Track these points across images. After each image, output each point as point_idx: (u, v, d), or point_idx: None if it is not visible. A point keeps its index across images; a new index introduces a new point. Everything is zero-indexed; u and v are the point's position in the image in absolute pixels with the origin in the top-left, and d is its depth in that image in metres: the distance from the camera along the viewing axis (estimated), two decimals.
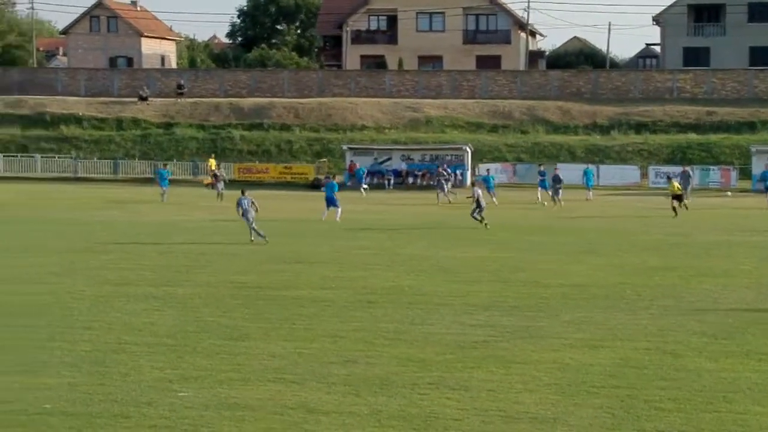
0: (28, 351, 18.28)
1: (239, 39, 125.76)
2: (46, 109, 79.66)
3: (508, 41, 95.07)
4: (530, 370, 17.33)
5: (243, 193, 36.47)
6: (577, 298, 24.82)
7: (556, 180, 53.89)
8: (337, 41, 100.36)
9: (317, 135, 76.32)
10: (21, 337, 19.41)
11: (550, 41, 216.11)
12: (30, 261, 30.28)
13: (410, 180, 68.86)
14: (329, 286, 26.28)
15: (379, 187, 66.92)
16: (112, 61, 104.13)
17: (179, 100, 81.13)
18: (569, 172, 62.72)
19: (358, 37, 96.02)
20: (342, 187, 66.55)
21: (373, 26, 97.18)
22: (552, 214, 48.22)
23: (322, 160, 72.10)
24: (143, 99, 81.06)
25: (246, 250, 33.49)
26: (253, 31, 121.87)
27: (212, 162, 67.13)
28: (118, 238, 36.46)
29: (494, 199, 52.67)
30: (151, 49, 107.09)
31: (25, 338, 19.35)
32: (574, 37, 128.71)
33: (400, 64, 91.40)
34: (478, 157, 70.62)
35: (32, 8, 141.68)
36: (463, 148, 69.32)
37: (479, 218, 41.17)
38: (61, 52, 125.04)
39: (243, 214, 35.64)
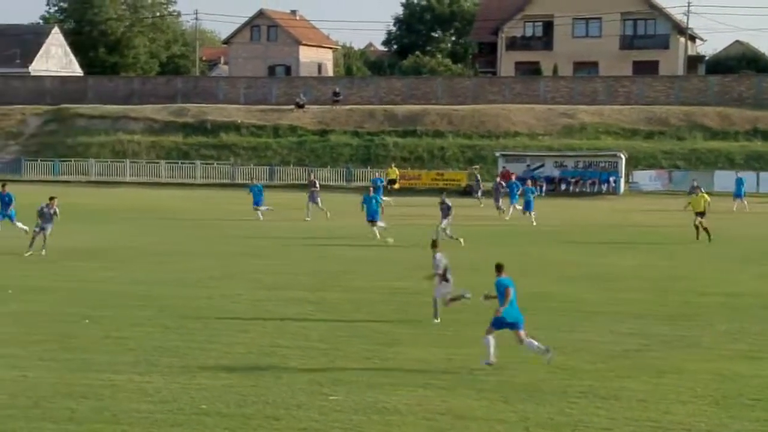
0: (187, 352, 18.75)
1: (395, 46, 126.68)
2: (207, 117, 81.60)
3: (666, 46, 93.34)
4: (684, 381, 17.00)
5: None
6: (735, 308, 24.23)
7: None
8: (491, 48, 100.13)
9: (470, 142, 76.24)
10: (181, 339, 19.93)
11: (710, 45, 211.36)
12: (191, 265, 31.02)
13: (563, 187, 68.18)
14: (479, 292, 26.11)
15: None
16: (271, 70, 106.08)
17: (335, 107, 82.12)
18: (726, 179, 61.32)
19: (513, 44, 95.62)
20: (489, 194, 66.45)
21: (529, 32, 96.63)
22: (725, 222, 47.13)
23: (474, 166, 71.94)
24: (300, 106, 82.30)
25: (400, 256, 33.65)
26: (408, 39, 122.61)
27: (393, 170, 67.89)
28: (274, 243, 37.08)
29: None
30: (308, 57, 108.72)
31: (184, 340, 19.85)
32: (736, 41, 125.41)
33: (555, 70, 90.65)
34: (633, 163, 69.55)
35: (196, 19, 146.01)
36: (617, 154, 68.31)
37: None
38: (222, 61, 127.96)
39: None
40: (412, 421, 14.63)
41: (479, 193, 60.36)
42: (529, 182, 51.18)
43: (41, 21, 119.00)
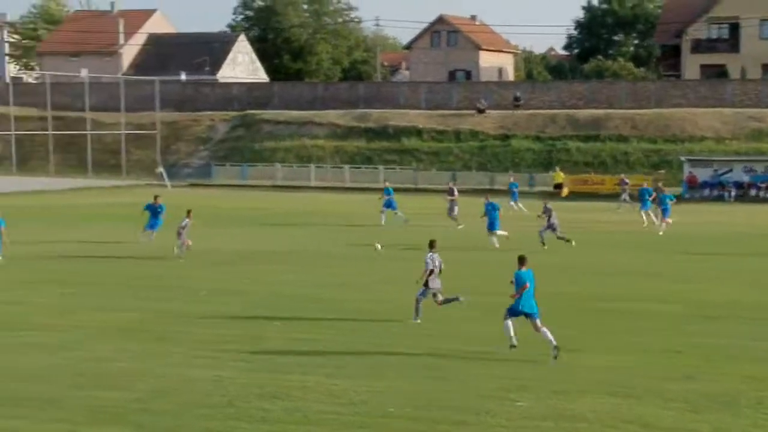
0: (375, 356, 18.90)
1: (576, 50, 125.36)
2: (389, 122, 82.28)
3: None
4: None
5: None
6: None
7: None
8: (675, 50, 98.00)
9: (654, 146, 74.76)
10: (365, 342, 20.12)
11: None
12: (371, 268, 31.30)
13: (752, 192, 66.10)
14: (665, 299, 25.70)
15: (719, 199, 64.83)
16: (451, 75, 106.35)
17: (516, 111, 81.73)
18: None
19: (698, 46, 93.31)
20: (680, 199, 65.07)
21: (714, 35, 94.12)
22: None
23: (659, 171, 70.51)
24: (481, 111, 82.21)
25: (578, 261, 33.22)
26: (589, 43, 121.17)
27: (559, 174, 67.59)
28: (454, 245, 37.07)
29: None
30: (488, 62, 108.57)
31: (368, 343, 20.04)
32: None
33: (743, 73, 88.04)
34: None
35: (377, 25, 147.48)
36: None
37: None
38: (403, 67, 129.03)
39: None
40: (599, 428, 14.44)
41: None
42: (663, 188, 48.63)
43: (228, 29, 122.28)
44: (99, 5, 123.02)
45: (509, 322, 19.12)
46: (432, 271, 22.33)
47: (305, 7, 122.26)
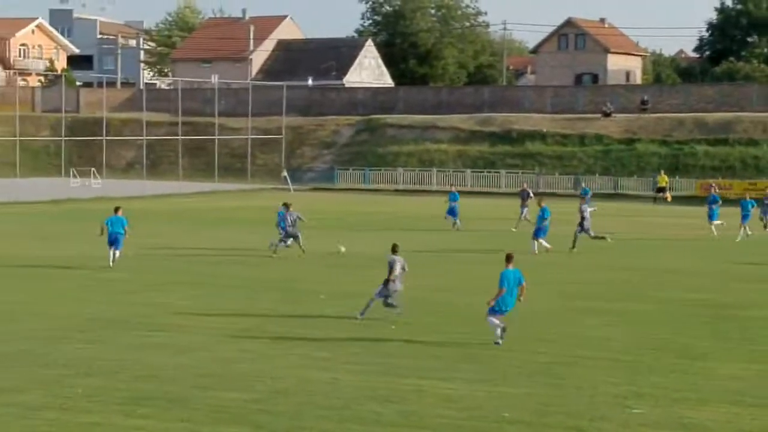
0: (490, 360, 18.78)
1: (707, 53, 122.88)
2: (513, 126, 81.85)
3: None
4: None
5: None
6: None
7: None
8: None
9: None
10: (483, 347, 19.96)
11: None
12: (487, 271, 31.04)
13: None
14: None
15: None
16: (578, 78, 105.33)
17: (642, 115, 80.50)
18: None
19: None
20: None
21: None
22: None
23: None
24: (606, 115, 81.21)
25: (707, 268, 32.53)
26: (721, 44, 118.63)
27: (662, 179, 66.84)
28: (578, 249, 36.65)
29: None
30: (616, 65, 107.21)
31: (487, 348, 19.88)
32: None
33: None
34: None
35: (504, 29, 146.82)
36: None
37: None
38: (529, 71, 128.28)
39: None
40: None
41: None
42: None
43: (356, 34, 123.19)
44: (232, 12, 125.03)
45: (494, 319, 20.13)
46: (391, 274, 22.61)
47: (433, 11, 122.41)
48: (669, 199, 64.54)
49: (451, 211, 46.13)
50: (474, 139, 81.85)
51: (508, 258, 20.60)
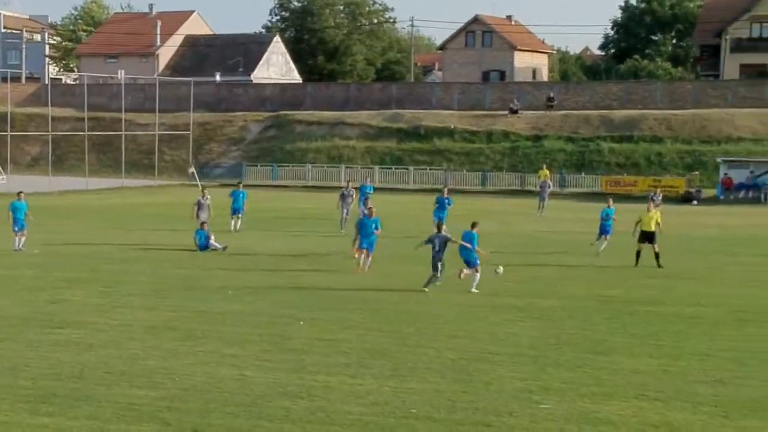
0: (399, 356, 18.85)
1: (612, 50, 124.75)
2: (421, 122, 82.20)
3: None
4: None
5: None
6: None
7: None
8: (714, 50, 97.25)
9: (689, 147, 74.19)
10: (392, 343, 20.04)
11: None
12: (403, 270, 31.23)
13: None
14: (699, 303, 25.45)
15: (755, 201, 64.29)
16: (485, 75, 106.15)
17: (549, 112, 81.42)
18: None
19: (738, 46, 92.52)
20: (715, 201, 64.67)
21: (756, 34, 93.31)
22: None
23: (693, 173, 70.10)
24: (514, 112, 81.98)
25: (615, 263, 33.00)
26: (626, 43, 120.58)
27: (543, 173, 67.22)
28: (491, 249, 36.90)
29: None
30: (523, 62, 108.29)
31: (396, 344, 19.96)
32: None
33: None
34: None
35: (412, 25, 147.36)
36: None
37: None
38: (436, 67, 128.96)
39: None
40: None
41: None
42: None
43: (264, 30, 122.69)
44: (139, 7, 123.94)
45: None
46: None
47: (341, 8, 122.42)
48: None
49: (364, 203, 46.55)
50: (382, 135, 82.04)
51: (474, 225, 27.60)
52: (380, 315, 23.13)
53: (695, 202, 64.15)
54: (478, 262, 27.07)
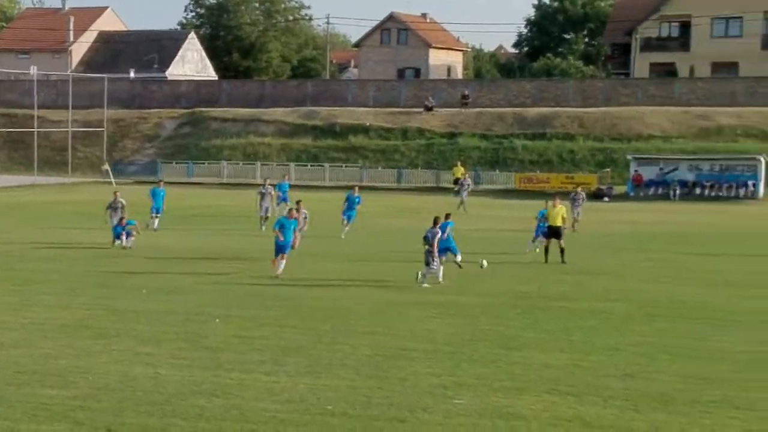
0: (314, 353, 18.87)
1: (525, 48, 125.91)
2: (337, 119, 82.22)
3: None
4: None
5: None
6: None
7: None
8: (625, 49, 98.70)
9: (601, 144, 75.20)
10: (308, 339, 20.06)
11: None
12: (320, 267, 31.28)
13: (697, 191, 66.70)
14: (611, 299, 25.85)
15: (664, 197, 65.40)
16: (401, 72, 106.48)
17: (464, 109, 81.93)
18: None
19: (648, 45, 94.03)
20: (626, 197, 65.64)
21: (665, 33, 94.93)
22: None
23: (605, 170, 71.10)
24: (429, 109, 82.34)
25: (529, 259, 33.35)
26: (539, 41, 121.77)
27: (458, 170, 67.82)
28: (405, 246, 37.10)
29: None
30: (438, 59, 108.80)
31: (311, 341, 19.98)
32: None
33: (692, 71, 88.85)
34: None
35: (328, 23, 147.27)
36: (757, 158, 66.53)
37: None
38: (352, 65, 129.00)
39: None
40: (537, 427, 14.41)
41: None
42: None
43: (179, 27, 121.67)
44: (52, 3, 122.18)
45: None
46: None
47: (257, 5, 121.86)
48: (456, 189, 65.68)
49: (284, 200, 47.35)
50: (298, 132, 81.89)
51: (447, 216, 30.06)
52: (296, 312, 23.13)
53: (606, 198, 65.03)
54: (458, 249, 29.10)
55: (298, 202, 36.04)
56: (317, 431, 14.10)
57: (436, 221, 28.43)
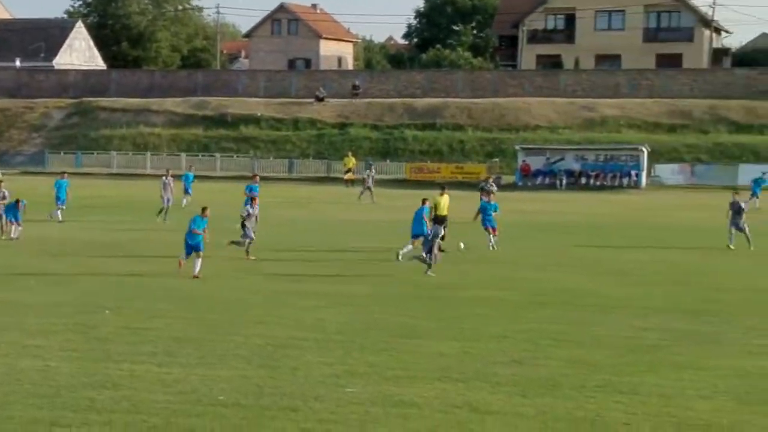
0: (206, 344, 18.80)
1: (415, 40, 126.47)
2: (228, 110, 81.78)
3: (690, 39, 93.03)
4: (705, 376, 16.89)
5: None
6: (758, 304, 24.15)
7: None
8: (512, 41, 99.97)
9: (490, 135, 76.13)
10: (199, 331, 19.98)
11: (736, 38, 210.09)
12: (218, 258, 31.10)
13: (583, 180, 67.96)
14: (500, 287, 26.23)
15: (551, 187, 66.45)
16: (291, 63, 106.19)
17: (354, 100, 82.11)
18: (751, 173, 61.39)
19: (535, 37, 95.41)
20: (514, 187, 66.54)
21: (551, 25, 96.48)
22: None
23: (494, 160, 71.96)
24: (320, 99, 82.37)
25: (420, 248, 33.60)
26: (429, 32, 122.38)
27: (349, 160, 68.12)
28: (299, 238, 37.13)
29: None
30: (329, 50, 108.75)
31: (203, 332, 19.91)
32: (762, 33, 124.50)
33: (577, 63, 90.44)
34: (655, 157, 69.27)
35: (218, 13, 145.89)
36: (639, 148, 68.07)
37: None
38: (243, 55, 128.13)
39: None
40: (428, 414, 14.59)
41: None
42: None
43: (66, 15, 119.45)
44: None
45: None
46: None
47: None
48: (347, 179, 66.07)
49: (186, 191, 48.20)
50: (189, 122, 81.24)
51: (423, 201, 30.22)
52: (188, 303, 23.02)
53: (495, 188, 65.73)
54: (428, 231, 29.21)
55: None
56: (209, 422, 14.05)
57: (424, 202, 30.19)
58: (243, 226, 30.53)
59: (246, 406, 14.82)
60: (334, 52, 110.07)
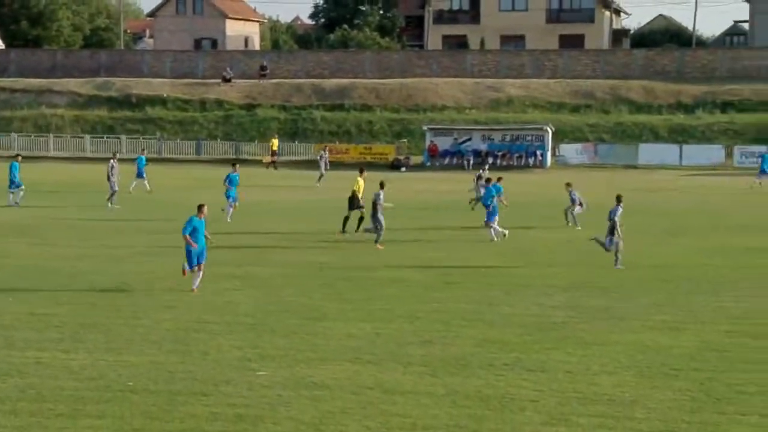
0: (114, 329, 18.60)
1: (322, 20, 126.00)
2: (133, 91, 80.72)
3: (591, 20, 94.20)
4: (609, 352, 17.24)
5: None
6: (660, 280, 24.64)
7: None
8: (419, 21, 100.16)
9: (398, 116, 76.33)
10: (107, 316, 19.75)
11: (635, 19, 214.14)
12: (119, 241, 30.78)
13: (490, 160, 68.35)
14: (410, 267, 26.35)
15: (459, 167, 66.84)
16: (197, 43, 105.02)
17: (262, 81, 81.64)
18: (650, 152, 62.62)
19: (441, 17, 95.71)
20: (422, 167, 66.84)
21: (456, 6, 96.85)
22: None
23: (402, 140, 72.14)
24: (227, 80, 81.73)
25: (329, 230, 33.60)
26: (335, 12, 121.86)
27: (275, 142, 67.96)
28: (209, 220, 36.75)
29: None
30: (235, 30, 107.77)
31: (111, 317, 19.68)
32: (660, 15, 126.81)
33: (482, 44, 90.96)
34: (559, 137, 70.12)
35: None
36: (544, 128, 68.82)
37: None
38: (147, 35, 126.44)
39: None
40: (340, 395, 14.64)
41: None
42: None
43: None
44: None
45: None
46: None
47: None
48: (266, 161, 65.94)
49: (140, 174, 47.33)
50: (92, 103, 80.00)
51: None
52: (94, 288, 22.72)
53: (404, 168, 66.07)
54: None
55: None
56: (118, 408, 13.92)
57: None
58: (374, 216, 30.50)
59: (156, 391, 14.71)
60: (240, 32, 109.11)
